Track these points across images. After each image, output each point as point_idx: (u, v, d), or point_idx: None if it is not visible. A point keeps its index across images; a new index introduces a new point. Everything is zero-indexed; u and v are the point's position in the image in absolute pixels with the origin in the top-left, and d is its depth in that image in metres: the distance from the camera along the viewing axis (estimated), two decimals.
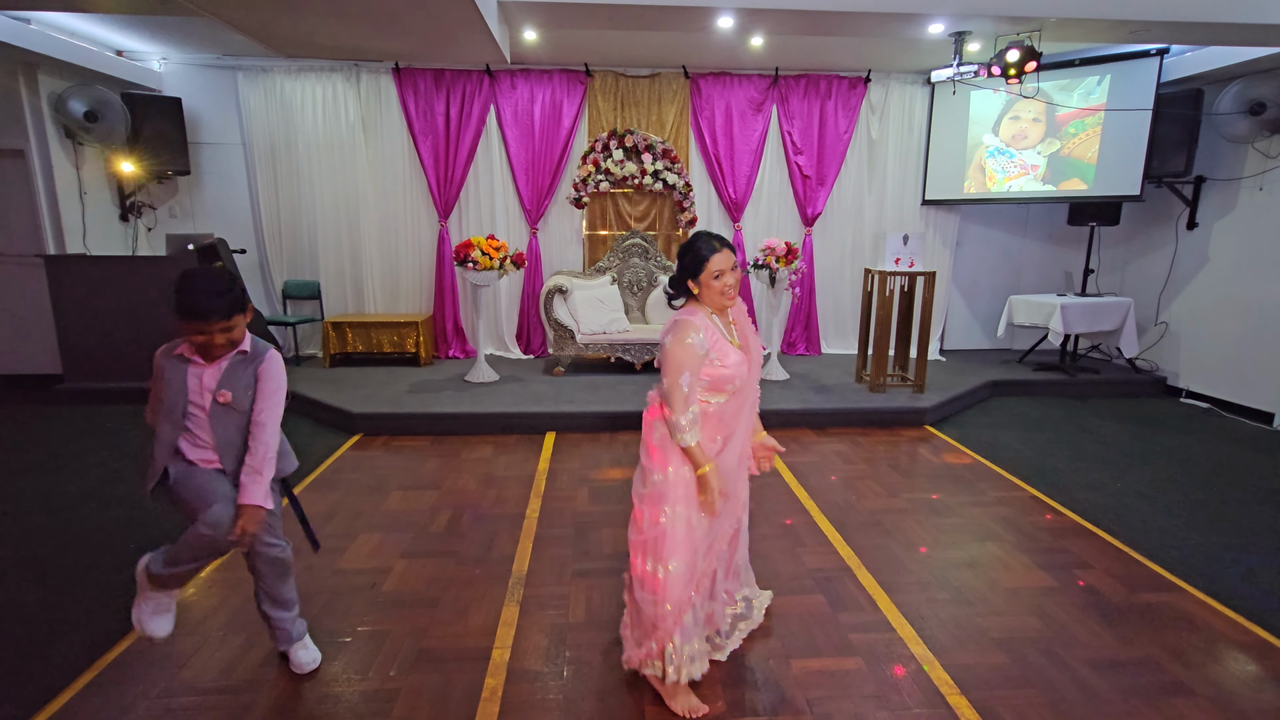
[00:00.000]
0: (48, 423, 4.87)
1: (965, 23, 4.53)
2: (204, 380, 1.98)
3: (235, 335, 1.97)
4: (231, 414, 2.02)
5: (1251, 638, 2.51)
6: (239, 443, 2.04)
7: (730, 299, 2.11)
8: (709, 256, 2.05)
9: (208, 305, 1.88)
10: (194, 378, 1.97)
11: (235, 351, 2.01)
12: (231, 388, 2.00)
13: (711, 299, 2.09)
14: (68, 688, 2.17)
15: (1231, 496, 3.79)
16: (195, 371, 1.98)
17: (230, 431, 2.03)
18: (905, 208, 6.73)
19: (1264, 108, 5.00)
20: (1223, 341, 5.56)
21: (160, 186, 6.25)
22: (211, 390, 1.98)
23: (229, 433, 2.03)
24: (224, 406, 1.99)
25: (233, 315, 1.94)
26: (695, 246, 2.09)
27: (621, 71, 6.32)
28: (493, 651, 2.37)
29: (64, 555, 3.00)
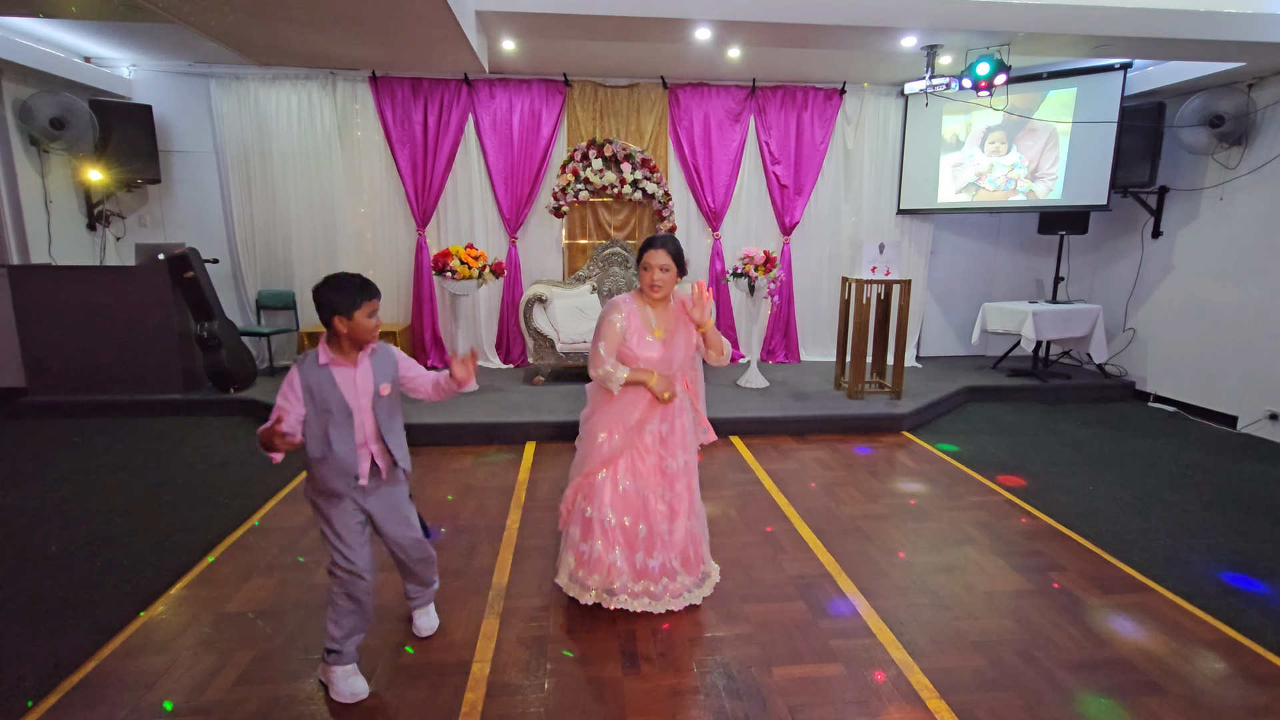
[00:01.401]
0: (10, 437, 4.72)
1: (937, 36, 4.63)
2: (358, 381, 2.10)
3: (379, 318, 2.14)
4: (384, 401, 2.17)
5: (1219, 636, 2.57)
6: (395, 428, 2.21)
7: (654, 292, 2.49)
8: (643, 251, 2.49)
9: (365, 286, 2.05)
10: (346, 381, 2.09)
11: (367, 350, 2.13)
12: (386, 378, 2.17)
13: (643, 288, 2.51)
14: (31, 711, 2.10)
15: (1199, 498, 3.89)
16: (346, 374, 2.09)
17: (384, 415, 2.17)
18: (881, 217, 6.83)
19: (1222, 121, 5.17)
20: (1188, 347, 5.72)
21: (129, 195, 6.12)
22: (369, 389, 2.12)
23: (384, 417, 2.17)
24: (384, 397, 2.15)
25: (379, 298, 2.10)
26: (646, 240, 2.51)
27: (600, 81, 6.35)
28: (473, 665, 2.34)
29: (26, 575, 2.91)
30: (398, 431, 2.22)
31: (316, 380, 2.05)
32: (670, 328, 2.55)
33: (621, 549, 2.56)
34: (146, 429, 4.93)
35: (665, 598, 2.59)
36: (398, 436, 2.21)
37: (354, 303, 2.02)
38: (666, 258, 2.46)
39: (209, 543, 3.21)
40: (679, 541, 2.65)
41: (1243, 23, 4.32)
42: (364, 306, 2.04)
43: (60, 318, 5.16)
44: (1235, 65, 4.89)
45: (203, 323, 5.34)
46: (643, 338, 2.50)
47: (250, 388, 5.57)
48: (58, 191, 5.67)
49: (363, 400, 2.10)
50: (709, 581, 2.76)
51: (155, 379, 5.34)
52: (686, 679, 2.28)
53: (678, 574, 2.65)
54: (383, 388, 2.14)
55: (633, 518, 2.56)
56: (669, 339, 2.53)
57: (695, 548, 2.71)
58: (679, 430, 2.62)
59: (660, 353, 2.51)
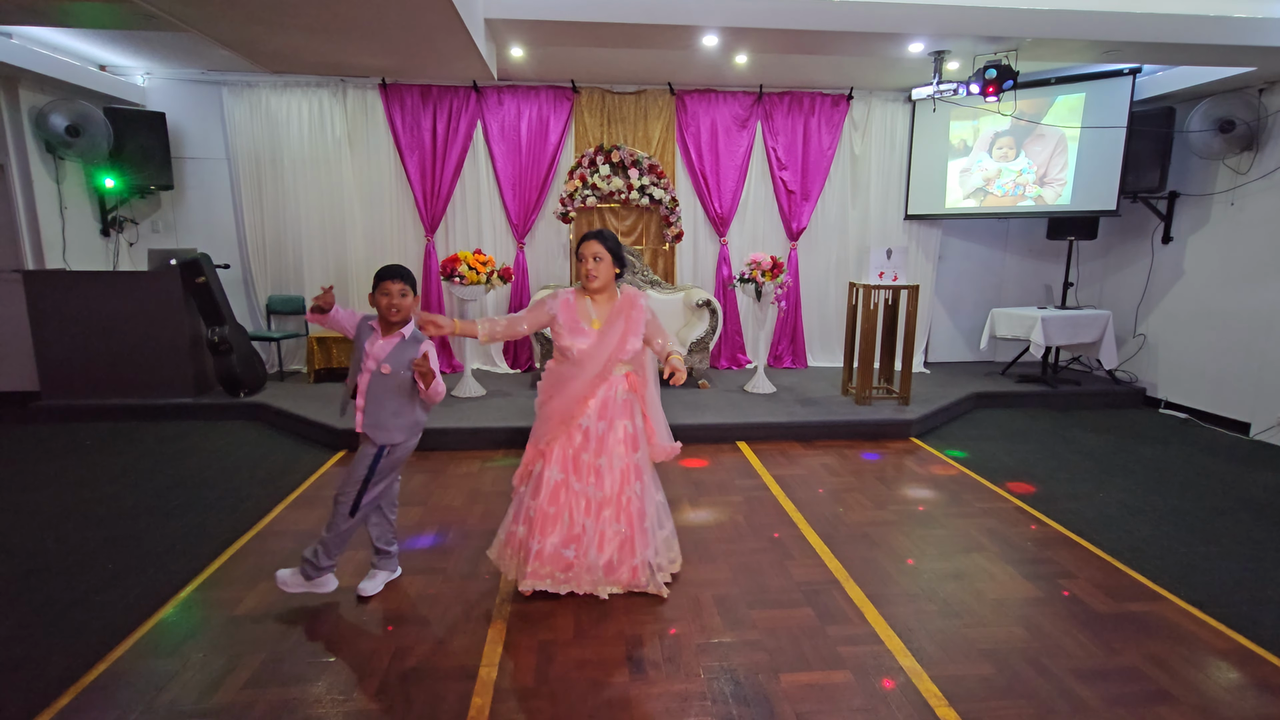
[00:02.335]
0: (24, 440, 4.78)
1: (944, 42, 4.63)
2: (374, 348, 2.54)
3: (407, 304, 2.52)
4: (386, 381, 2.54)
5: (1232, 645, 2.55)
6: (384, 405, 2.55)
7: (588, 280, 2.65)
8: (583, 240, 2.66)
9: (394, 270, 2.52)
10: (370, 343, 2.55)
11: (399, 334, 2.54)
12: (394, 363, 2.53)
13: (581, 278, 2.67)
14: (43, 712, 2.12)
15: (1211, 505, 3.85)
16: (373, 339, 2.55)
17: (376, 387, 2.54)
18: (888, 222, 6.82)
19: (1233, 125, 5.14)
20: (1199, 353, 5.67)
21: (143, 201, 6.20)
22: (379, 359, 2.52)
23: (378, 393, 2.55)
24: (383, 375, 2.53)
25: (406, 283, 2.52)
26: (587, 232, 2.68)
27: (608, 88, 6.38)
28: (480, 669, 2.35)
29: (39, 576, 2.93)
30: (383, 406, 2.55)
31: (363, 333, 2.58)
32: (608, 321, 2.66)
33: (540, 536, 2.66)
34: (158, 433, 4.97)
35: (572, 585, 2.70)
36: (376, 408, 2.55)
37: (375, 285, 2.54)
38: (598, 247, 2.63)
39: (220, 546, 3.23)
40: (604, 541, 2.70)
41: (1253, 27, 4.30)
42: (378, 288, 2.52)
43: (74, 322, 5.22)
44: (1246, 70, 4.87)
45: (214, 327, 5.39)
46: (578, 326, 2.65)
47: (260, 392, 5.61)
48: (72, 198, 5.75)
49: (368, 363, 2.54)
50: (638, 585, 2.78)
51: (167, 383, 5.39)
52: (693, 685, 2.28)
53: (596, 570, 2.68)
54: (384, 366, 2.53)
55: (557, 508, 2.68)
56: (604, 330, 2.64)
57: (628, 556, 2.73)
58: (620, 431, 2.71)
59: (592, 341, 2.63)
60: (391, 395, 2.56)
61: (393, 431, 2.59)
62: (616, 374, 2.70)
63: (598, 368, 2.62)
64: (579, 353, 2.62)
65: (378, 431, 2.58)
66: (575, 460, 2.69)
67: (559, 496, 2.68)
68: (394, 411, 2.58)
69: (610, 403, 2.70)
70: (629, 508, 2.73)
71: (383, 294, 2.50)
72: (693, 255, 6.76)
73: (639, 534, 2.75)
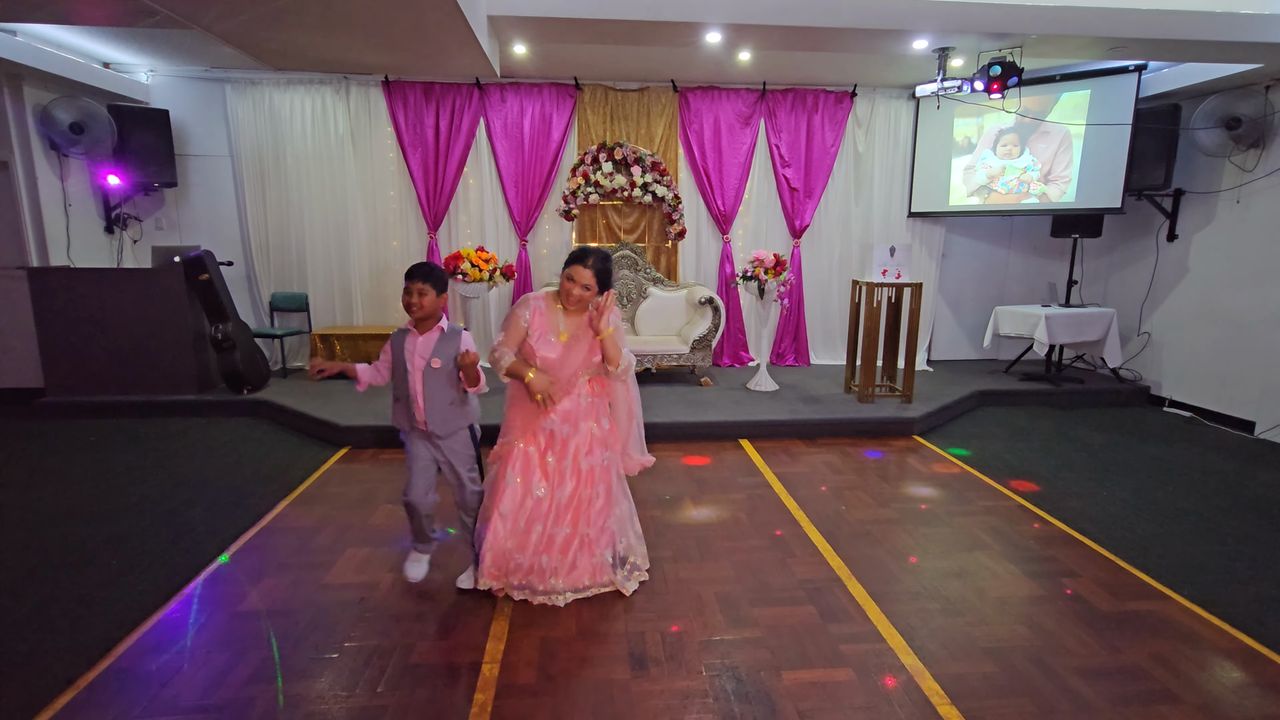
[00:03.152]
0: (28, 437, 4.79)
1: (949, 39, 4.61)
2: (418, 348, 2.63)
3: (425, 302, 2.57)
4: (438, 376, 2.63)
5: (1237, 645, 2.54)
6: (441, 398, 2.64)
7: (569, 302, 2.62)
8: (570, 263, 2.61)
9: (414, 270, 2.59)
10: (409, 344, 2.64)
11: (436, 329, 2.64)
12: (441, 357, 2.62)
13: (560, 293, 2.65)
14: (46, 708, 2.13)
15: (1215, 504, 3.84)
16: (412, 341, 2.64)
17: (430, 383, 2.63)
18: (892, 220, 6.81)
19: (1239, 123, 5.11)
20: (1204, 351, 5.65)
21: (146, 199, 6.21)
22: (425, 356, 2.61)
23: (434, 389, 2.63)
24: (435, 370, 2.62)
25: (425, 283, 2.57)
26: (573, 252, 2.64)
27: (611, 85, 6.37)
28: (482, 666, 2.35)
29: (43, 572, 2.95)
30: (441, 399, 2.64)
31: (398, 342, 2.67)
32: (575, 334, 2.67)
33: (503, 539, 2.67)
34: (161, 429, 4.98)
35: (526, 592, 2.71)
36: (436, 403, 2.63)
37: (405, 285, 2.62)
38: (590, 279, 2.59)
39: (222, 542, 3.24)
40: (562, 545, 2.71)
41: (1259, 24, 4.28)
42: (406, 286, 2.60)
43: (78, 319, 5.24)
44: (1252, 67, 4.84)
45: (217, 324, 5.40)
46: (545, 337, 2.65)
47: (264, 389, 5.62)
48: (76, 195, 5.76)
49: (416, 362, 2.62)
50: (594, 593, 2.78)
51: (170, 380, 5.41)
52: (695, 682, 2.28)
53: (548, 577, 2.70)
54: (434, 361, 2.61)
55: (514, 513, 2.68)
56: (570, 343, 2.66)
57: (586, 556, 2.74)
58: (585, 435, 2.73)
59: (558, 354, 2.65)
60: (445, 388, 2.66)
61: (457, 420, 2.72)
62: (580, 382, 2.73)
63: (561, 378, 2.66)
64: (543, 361, 2.64)
65: (446, 425, 2.68)
66: (541, 464, 2.71)
67: (518, 500, 2.69)
68: (451, 402, 2.68)
69: (574, 409, 2.72)
70: (589, 507, 2.74)
71: (405, 292, 2.60)
72: (695, 253, 6.76)
73: (601, 533, 2.76)
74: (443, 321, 2.68)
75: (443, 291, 2.65)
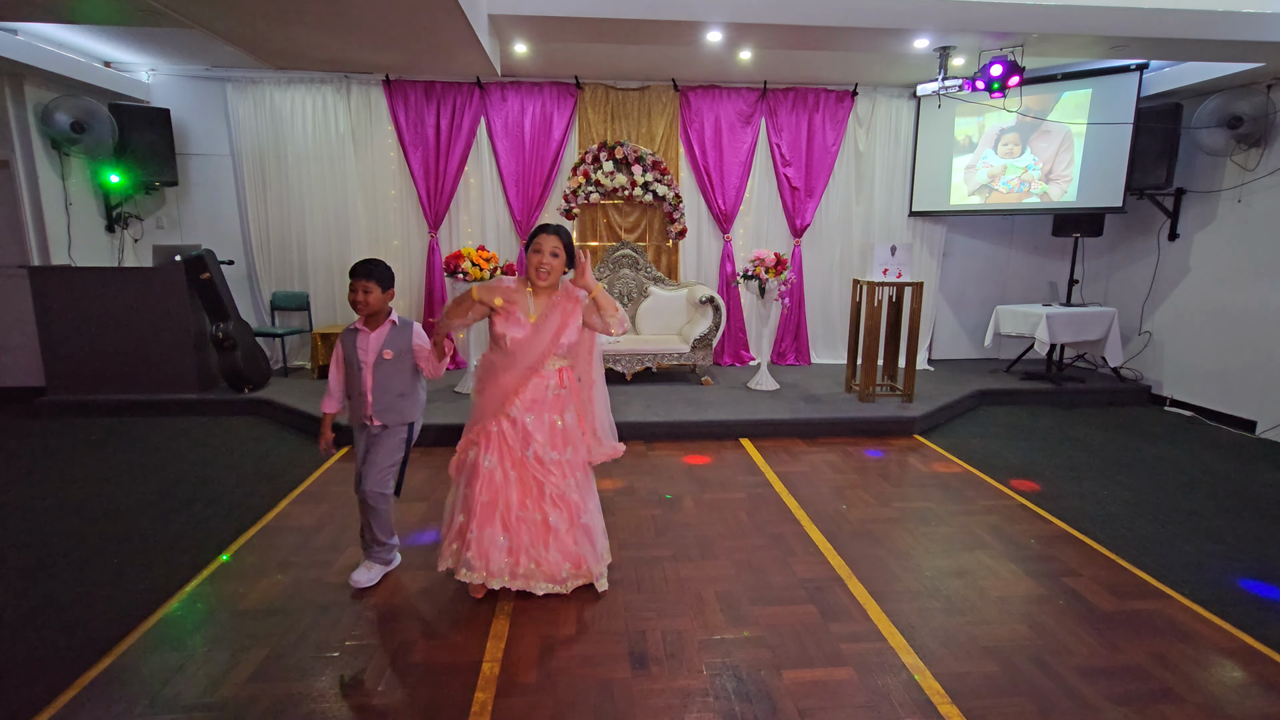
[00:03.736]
0: (30, 436, 4.80)
1: (950, 38, 4.60)
2: (369, 344, 2.71)
3: (371, 300, 2.65)
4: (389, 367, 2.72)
5: (1237, 644, 2.54)
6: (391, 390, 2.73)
7: (540, 278, 2.62)
8: (536, 234, 2.62)
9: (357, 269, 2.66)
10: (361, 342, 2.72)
11: (388, 323, 2.72)
12: (394, 348, 2.72)
13: (529, 271, 2.63)
14: (48, 706, 2.13)
15: (1216, 504, 3.83)
16: (363, 338, 2.72)
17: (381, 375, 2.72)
18: (893, 219, 6.80)
19: (1241, 122, 5.10)
20: (1205, 351, 5.64)
21: (147, 198, 6.21)
22: (377, 350, 2.70)
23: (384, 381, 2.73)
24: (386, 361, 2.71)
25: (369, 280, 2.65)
26: (537, 226, 2.67)
27: (612, 84, 6.37)
28: (482, 665, 2.35)
29: (44, 571, 2.95)
30: (390, 391, 2.73)
31: (348, 341, 2.74)
32: (544, 313, 2.64)
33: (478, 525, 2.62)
34: (162, 428, 4.99)
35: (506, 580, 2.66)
36: (384, 394, 2.72)
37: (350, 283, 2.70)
38: (557, 243, 2.61)
39: (223, 541, 3.25)
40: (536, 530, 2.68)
41: (1262, 22, 4.27)
42: (351, 284, 2.67)
43: (79, 318, 5.24)
44: (1254, 66, 4.83)
45: (218, 323, 5.40)
46: (514, 317, 2.62)
47: (264, 388, 5.62)
48: (77, 194, 5.76)
49: (368, 358, 2.70)
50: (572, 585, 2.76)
51: (171, 379, 5.41)
52: (696, 681, 2.28)
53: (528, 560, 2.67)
54: (385, 352, 2.71)
55: (491, 495, 2.64)
56: (539, 322, 2.63)
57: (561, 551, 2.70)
58: (547, 425, 2.68)
59: (527, 333, 2.61)
60: (396, 380, 2.74)
61: (405, 411, 2.79)
62: (549, 368, 2.67)
63: (530, 360, 2.60)
64: (512, 342, 2.59)
65: (391, 415, 2.75)
66: (508, 448, 2.66)
67: (493, 482, 2.64)
68: (400, 394, 2.76)
69: (540, 397, 2.66)
70: (563, 500, 2.69)
71: (351, 290, 2.67)
72: (696, 252, 6.75)
73: (577, 528, 2.72)
74: (392, 315, 2.75)
75: (388, 287, 2.72)
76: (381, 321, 2.73)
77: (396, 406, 2.76)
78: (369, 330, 2.72)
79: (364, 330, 2.73)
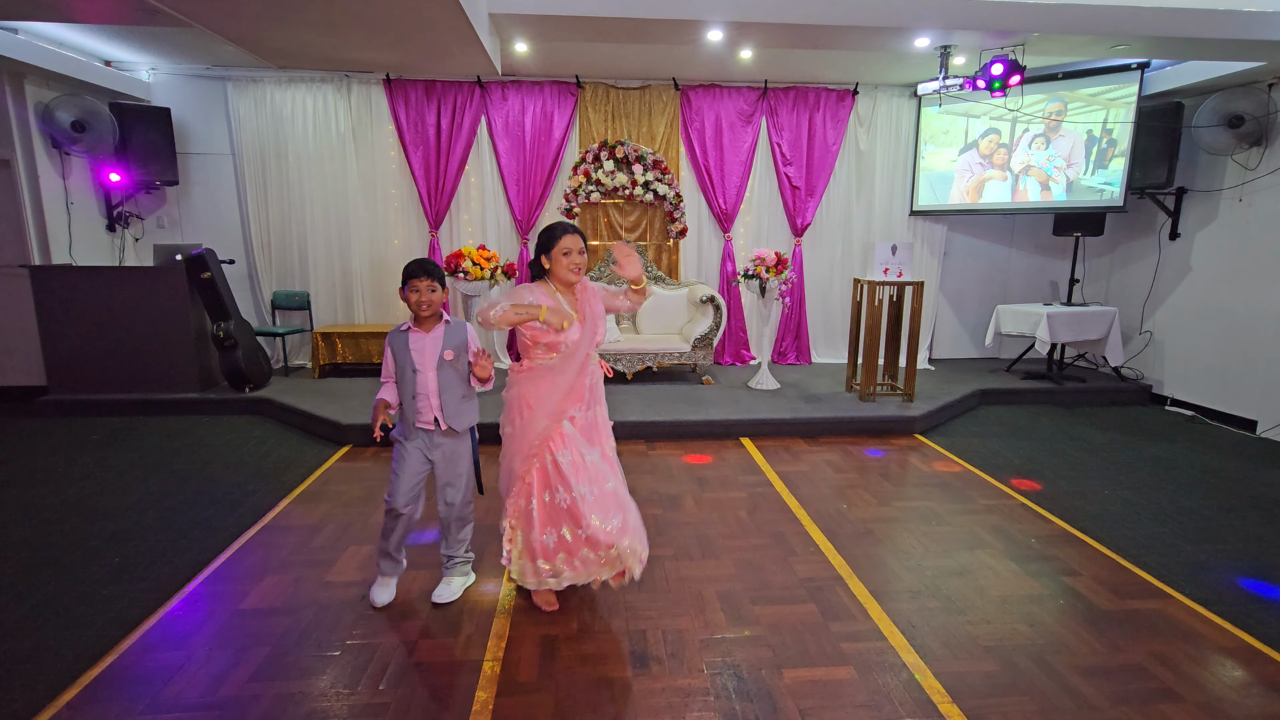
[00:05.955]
0: (31, 435, 4.80)
1: (951, 37, 4.60)
2: (426, 345, 2.58)
3: (435, 299, 2.57)
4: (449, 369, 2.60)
5: (1238, 643, 2.54)
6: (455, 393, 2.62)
7: (576, 274, 2.58)
8: (561, 235, 2.54)
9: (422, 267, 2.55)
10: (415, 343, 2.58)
11: (442, 322, 2.61)
12: (453, 348, 2.60)
13: (560, 273, 2.57)
14: (48, 706, 2.13)
15: (1217, 503, 3.83)
16: (418, 339, 2.58)
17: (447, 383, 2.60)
18: (893, 218, 6.80)
19: (1242, 121, 5.10)
20: (1206, 350, 5.64)
21: (148, 197, 6.21)
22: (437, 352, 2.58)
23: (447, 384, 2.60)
24: (447, 362, 2.59)
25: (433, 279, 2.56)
26: (550, 228, 2.57)
27: (612, 83, 6.36)
28: (484, 664, 2.36)
29: (45, 570, 2.95)
30: (455, 394, 2.61)
31: (399, 343, 2.59)
32: (582, 310, 2.62)
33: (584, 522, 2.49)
34: (163, 427, 4.99)
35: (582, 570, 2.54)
36: (451, 398, 2.59)
37: (403, 283, 2.57)
38: (582, 241, 2.59)
39: (224, 540, 3.25)
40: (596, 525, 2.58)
41: (1263, 21, 4.27)
42: (408, 285, 2.55)
43: (80, 318, 5.25)
44: (1255, 64, 4.82)
45: (219, 323, 5.41)
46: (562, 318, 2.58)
47: (265, 387, 5.63)
48: (78, 193, 5.77)
49: (427, 361, 2.57)
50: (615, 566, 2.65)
51: (172, 378, 5.41)
52: (696, 680, 2.28)
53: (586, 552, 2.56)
54: (446, 353, 2.58)
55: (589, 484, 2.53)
56: (584, 320, 2.61)
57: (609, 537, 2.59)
58: (600, 417, 2.70)
59: (580, 333, 2.59)
60: (457, 381, 2.63)
61: (469, 414, 2.68)
62: (593, 362, 2.68)
63: (583, 357, 2.60)
64: (572, 343, 2.57)
65: (459, 419, 2.63)
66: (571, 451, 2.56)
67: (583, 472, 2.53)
68: (464, 395, 2.65)
69: (594, 388, 2.67)
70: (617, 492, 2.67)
71: (412, 290, 2.53)
72: (697, 251, 6.75)
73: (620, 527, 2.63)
74: (445, 314, 2.65)
75: (444, 286, 2.64)
76: (437, 321, 2.60)
77: (463, 409, 2.63)
78: (423, 331, 2.57)
79: (417, 331, 2.57)
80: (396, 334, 2.61)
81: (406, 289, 2.55)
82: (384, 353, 2.64)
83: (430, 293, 2.54)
